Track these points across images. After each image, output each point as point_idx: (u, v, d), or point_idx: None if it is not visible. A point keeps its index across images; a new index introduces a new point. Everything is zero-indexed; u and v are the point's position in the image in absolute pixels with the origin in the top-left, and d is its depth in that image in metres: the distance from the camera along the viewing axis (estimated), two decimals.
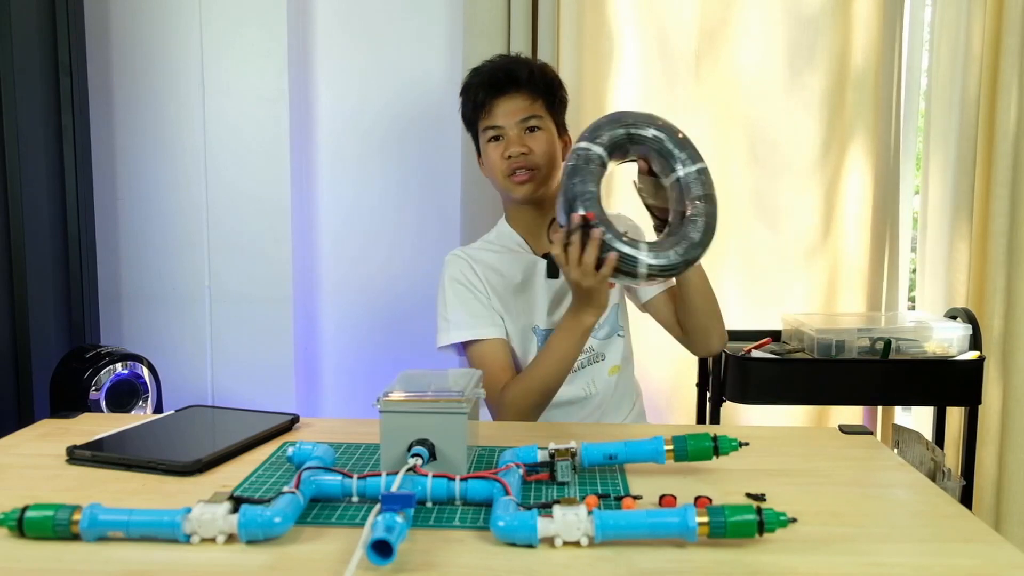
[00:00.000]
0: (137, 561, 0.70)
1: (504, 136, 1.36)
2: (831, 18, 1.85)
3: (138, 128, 1.79)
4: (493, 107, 1.36)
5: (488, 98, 1.37)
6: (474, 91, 1.39)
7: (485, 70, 1.40)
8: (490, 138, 1.38)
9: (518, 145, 1.35)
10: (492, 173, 1.40)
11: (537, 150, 1.36)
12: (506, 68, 1.38)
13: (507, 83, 1.36)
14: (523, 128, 1.36)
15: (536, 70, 1.39)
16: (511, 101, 1.36)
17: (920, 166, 2.00)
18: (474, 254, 1.43)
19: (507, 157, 1.35)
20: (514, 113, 1.36)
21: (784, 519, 0.71)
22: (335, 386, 1.99)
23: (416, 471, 0.83)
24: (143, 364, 1.52)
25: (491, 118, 1.37)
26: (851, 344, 1.66)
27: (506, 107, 1.36)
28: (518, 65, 1.38)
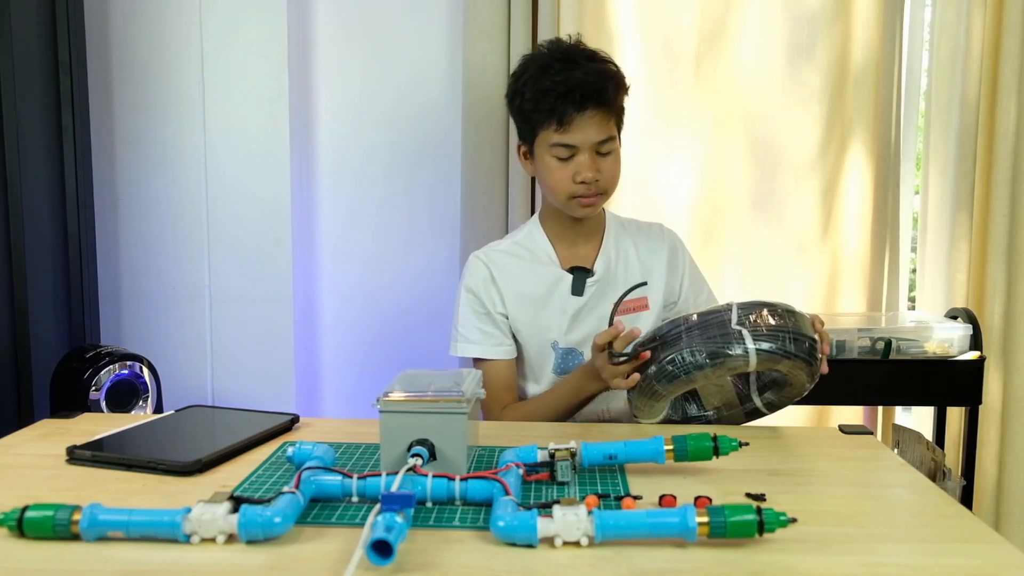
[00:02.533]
0: (137, 561, 0.70)
1: (575, 157, 1.26)
2: (831, 18, 1.85)
3: (138, 127, 1.79)
4: (571, 123, 1.24)
5: (567, 113, 1.24)
6: (552, 98, 1.24)
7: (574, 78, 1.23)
8: (559, 156, 1.27)
9: (592, 171, 1.26)
10: (552, 189, 1.30)
11: (608, 175, 1.28)
12: (596, 83, 1.24)
13: (592, 99, 1.24)
14: (596, 150, 1.27)
15: (620, 82, 1.28)
16: (591, 120, 1.25)
17: (920, 166, 2.00)
18: (498, 260, 1.37)
19: (579, 181, 1.26)
20: (594, 134, 1.25)
21: (784, 519, 0.71)
22: (335, 386, 1.99)
23: (416, 471, 0.83)
24: (143, 364, 1.52)
25: (566, 134, 1.25)
26: (851, 344, 1.66)
27: (585, 127, 1.25)
28: (605, 78, 1.26)
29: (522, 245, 1.39)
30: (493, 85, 1.82)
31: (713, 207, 1.91)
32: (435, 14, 1.90)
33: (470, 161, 1.85)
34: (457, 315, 1.38)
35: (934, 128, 1.93)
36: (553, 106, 1.24)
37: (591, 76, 1.25)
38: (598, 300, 1.35)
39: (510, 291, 1.35)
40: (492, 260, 1.38)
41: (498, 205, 1.87)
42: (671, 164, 1.90)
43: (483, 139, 1.84)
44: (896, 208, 1.90)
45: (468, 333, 1.36)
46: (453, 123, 1.90)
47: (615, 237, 1.39)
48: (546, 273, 1.36)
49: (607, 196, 1.32)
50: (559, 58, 1.27)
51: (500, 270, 1.36)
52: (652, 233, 1.43)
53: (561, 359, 1.35)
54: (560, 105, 1.24)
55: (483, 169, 1.85)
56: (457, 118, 1.88)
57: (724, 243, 1.92)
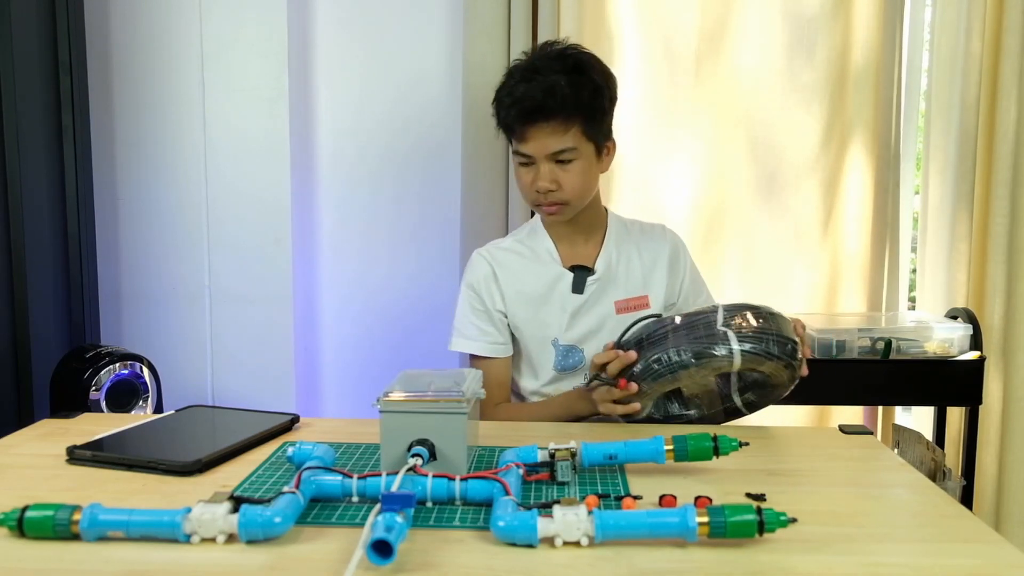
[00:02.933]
0: (137, 561, 0.70)
1: (534, 164, 1.28)
2: (831, 18, 1.85)
3: (138, 128, 1.79)
4: (524, 134, 1.26)
5: (518, 124, 1.26)
6: (505, 112, 1.28)
7: (518, 93, 1.25)
8: (521, 163, 1.31)
9: (547, 180, 1.27)
10: (521, 194, 1.36)
11: (567, 185, 1.28)
12: (536, 100, 1.23)
13: (537, 112, 1.24)
14: (554, 160, 1.27)
15: (569, 95, 1.24)
16: (542, 131, 1.25)
17: (920, 166, 2.00)
18: (500, 258, 1.38)
19: (535, 190, 1.29)
20: (547, 145, 1.26)
21: (784, 519, 0.71)
22: (335, 386, 1.99)
23: (416, 471, 0.83)
24: (143, 364, 1.52)
25: (522, 145, 1.28)
26: (851, 344, 1.66)
27: (537, 137, 1.26)
28: (549, 93, 1.23)
29: (524, 243, 1.40)
30: (493, 85, 1.79)
31: (713, 207, 1.91)
32: (435, 14, 1.90)
33: (470, 161, 1.85)
34: (458, 310, 1.39)
35: (934, 128, 1.93)
36: (506, 118, 1.29)
37: (535, 91, 1.24)
38: (598, 298, 1.35)
39: (511, 288, 1.36)
40: (494, 257, 1.38)
41: (498, 205, 1.87)
42: (671, 164, 1.90)
43: (483, 139, 1.84)
44: (896, 208, 1.90)
45: (465, 329, 1.37)
46: (453, 123, 1.90)
47: (616, 237, 1.40)
48: (547, 271, 1.37)
49: (572, 206, 1.31)
50: (526, 67, 1.28)
51: (502, 267, 1.37)
52: (655, 234, 1.43)
53: (562, 356, 1.36)
54: (511, 117, 1.27)
55: (483, 169, 1.85)
56: (457, 118, 1.88)
57: (724, 243, 1.92)
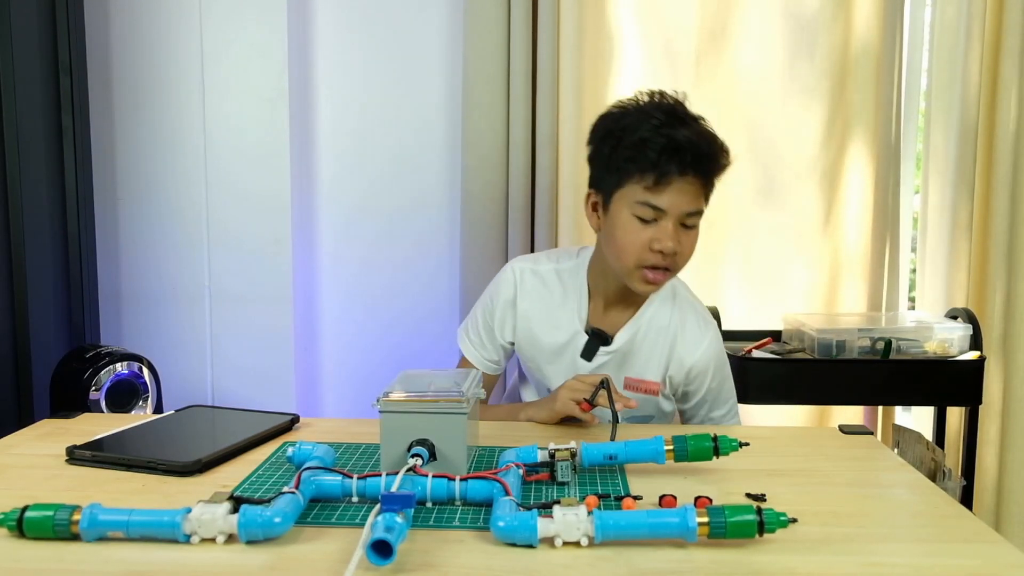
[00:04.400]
0: (137, 561, 0.70)
1: (658, 222, 1.14)
2: (831, 18, 1.85)
3: (138, 128, 1.79)
4: (668, 184, 1.12)
5: (668, 172, 1.12)
6: (655, 152, 1.12)
7: (681, 138, 1.12)
8: (640, 216, 1.15)
9: (672, 241, 1.14)
10: (621, 251, 1.17)
11: (686, 251, 1.17)
12: (705, 149, 1.13)
13: (703, 166, 1.14)
14: (681, 222, 1.15)
15: (724, 152, 1.16)
16: (688, 187, 1.13)
17: (920, 166, 2.00)
18: (528, 284, 1.29)
19: (655, 250, 1.15)
20: (687, 203, 1.14)
21: (784, 519, 0.71)
22: (335, 386, 1.99)
23: (416, 471, 0.83)
24: (143, 364, 1.52)
25: (659, 197, 1.13)
26: (852, 344, 1.66)
27: (680, 192, 1.13)
28: (714, 144, 1.15)
29: (562, 279, 1.29)
30: (493, 85, 1.82)
31: (713, 207, 1.90)
32: (435, 14, 1.90)
33: (470, 160, 1.85)
34: (474, 309, 1.36)
35: (934, 128, 1.93)
36: (655, 161, 1.12)
37: (701, 139, 1.14)
38: (610, 371, 1.24)
39: (524, 326, 1.30)
40: (524, 283, 1.30)
41: (498, 205, 1.87)
42: None
43: (483, 139, 1.84)
44: (896, 208, 1.90)
45: (471, 332, 1.35)
46: (453, 123, 1.90)
47: (653, 312, 1.27)
48: (565, 325, 1.27)
49: (675, 274, 1.21)
50: (665, 111, 1.16)
51: (525, 298, 1.30)
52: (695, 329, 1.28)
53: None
54: (663, 162, 1.12)
55: (483, 168, 1.85)
56: (457, 118, 1.88)
57: (725, 243, 1.92)
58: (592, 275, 1.28)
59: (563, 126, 1.83)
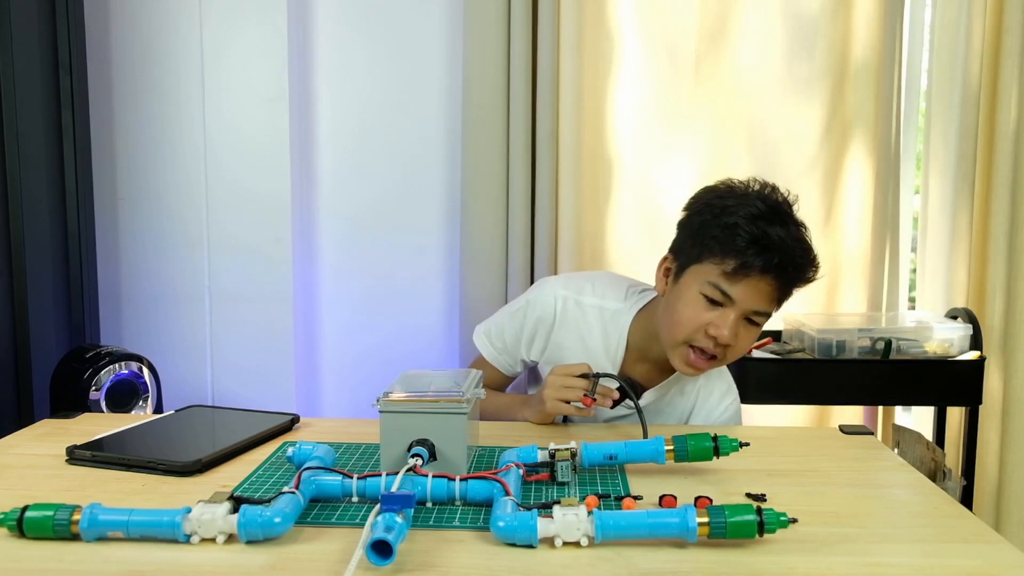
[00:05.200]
0: (137, 561, 0.70)
1: (723, 307, 1.12)
2: (831, 18, 1.85)
3: (138, 128, 1.79)
4: (746, 277, 1.10)
5: (751, 265, 1.09)
6: (742, 239, 1.09)
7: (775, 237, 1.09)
8: (708, 296, 1.13)
9: (730, 332, 1.11)
10: (675, 323, 1.15)
11: (740, 348, 1.16)
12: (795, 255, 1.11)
13: (778, 267, 1.10)
14: (746, 316, 1.13)
15: (812, 265, 1.15)
16: (764, 286, 1.11)
17: (920, 166, 2.00)
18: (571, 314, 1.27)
19: (710, 335, 1.13)
20: (757, 301, 1.12)
21: (784, 519, 0.71)
22: (335, 386, 1.99)
23: (416, 471, 0.83)
24: (143, 364, 1.52)
25: (731, 284, 1.11)
26: (852, 344, 1.66)
27: (755, 288, 1.11)
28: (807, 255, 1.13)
29: (604, 320, 1.27)
30: (493, 85, 1.82)
31: None
32: (435, 14, 1.90)
33: (470, 160, 1.85)
34: (503, 313, 1.34)
35: (934, 128, 1.93)
36: (742, 249, 1.09)
37: (797, 246, 1.12)
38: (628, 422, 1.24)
39: (555, 352, 1.28)
40: (567, 311, 1.27)
41: (498, 205, 1.87)
42: (671, 164, 1.90)
43: (483, 139, 1.84)
44: (896, 208, 1.90)
45: (496, 337, 1.33)
46: (453, 123, 1.90)
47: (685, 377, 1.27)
48: (599, 363, 1.25)
49: (720, 365, 1.20)
50: (769, 204, 1.14)
51: (564, 328, 1.27)
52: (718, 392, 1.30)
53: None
54: (750, 253, 1.09)
55: (483, 169, 1.85)
56: (457, 118, 1.88)
57: None
58: (636, 329, 1.26)
59: (563, 126, 1.83)
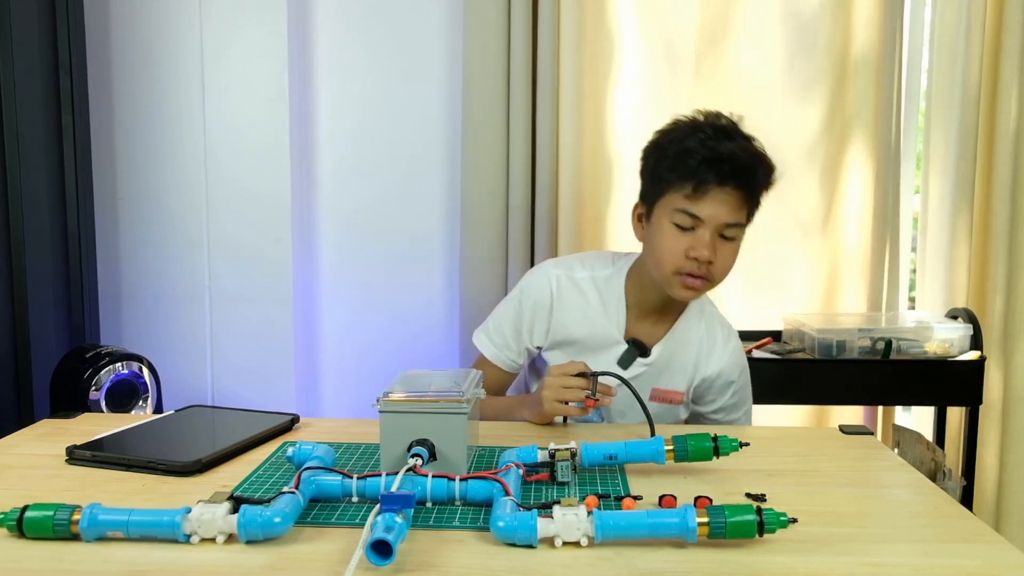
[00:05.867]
0: (137, 561, 0.70)
1: (695, 230, 1.16)
2: (831, 18, 1.85)
3: (138, 128, 1.79)
4: (707, 195, 1.14)
5: (710, 183, 1.14)
6: (696, 162, 1.14)
7: (724, 151, 1.14)
8: (679, 224, 1.17)
9: (708, 250, 1.15)
10: (659, 259, 1.19)
11: (722, 264, 1.19)
12: (746, 163, 1.15)
13: (737, 177, 1.14)
14: (719, 232, 1.17)
15: (766, 168, 1.18)
16: (729, 197, 1.15)
17: (920, 166, 2.00)
18: (567, 292, 1.28)
19: (690, 257, 1.16)
20: (724, 214, 1.15)
21: (784, 519, 0.71)
22: (335, 386, 1.99)
23: (416, 471, 0.83)
24: (143, 364, 1.52)
25: (697, 206, 1.15)
26: (852, 344, 1.66)
27: (718, 202, 1.15)
28: (759, 161, 1.17)
29: (598, 287, 1.29)
30: (493, 85, 1.82)
31: None
32: (435, 14, 1.90)
33: (470, 160, 1.85)
34: (498, 309, 1.35)
35: (934, 128, 1.93)
36: (694, 170, 1.14)
37: (744, 153, 1.16)
38: (644, 382, 1.25)
39: (561, 330, 1.29)
40: (561, 290, 1.29)
41: (498, 205, 1.87)
42: None
43: (483, 139, 1.84)
44: (896, 207, 1.90)
45: (495, 334, 1.33)
46: (453, 123, 1.90)
47: (687, 325, 1.30)
48: (605, 330, 1.27)
49: (713, 285, 1.22)
50: (714, 126, 1.18)
51: (563, 305, 1.29)
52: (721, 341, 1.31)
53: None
54: (702, 170, 1.14)
55: (483, 168, 1.85)
56: (457, 118, 1.88)
57: None
58: (630, 285, 1.29)
59: (563, 126, 1.83)
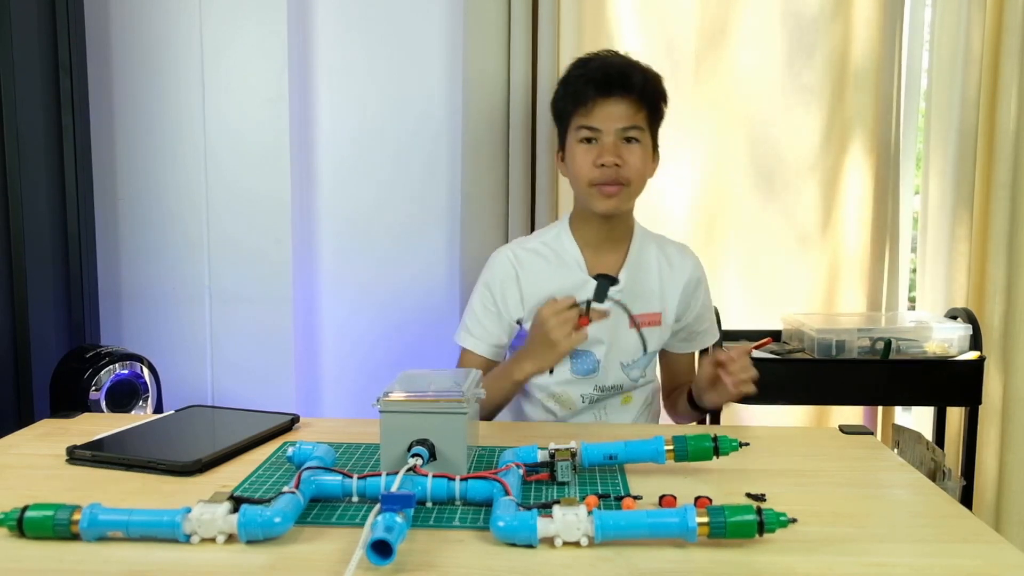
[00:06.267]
0: (137, 561, 0.70)
1: (599, 141, 1.28)
2: (831, 19, 1.85)
3: (138, 128, 1.79)
4: (595, 106, 1.27)
5: (593, 96, 1.27)
6: (578, 83, 1.29)
7: (595, 64, 1.30)
8: (583, 139, 1.29)
9: (612, 154, 1.26)
10: (576, 176, 1.31)
11: (631, 163, 1.27)
12: (620, 68, 1.29)
13: (618, 84, 1.27)
14: (621, 137, 1.27)
15: (650, 78, 1.31)
16: (617, 105, 1.27)
17: (920, 166, 2.00)
18: (524, 259, 1.36)
19: (599, 165, 1.26)
20: (617, 119, 1.27)
21: (784, 519, 0.71)
22: (335, 386, 1.99)
23: (416, 471, 0.83)
24: (143, 364, 1.52)
25: (590, 118, 1.28)
26: (851, 344, 1.66)
27: (610, 110, 1.27)
28: (632, 68, 1.30)
29: (550, 246, 1.37)
30: (493, 85, 1.82)
31: (713, 208, 1.91)
32: (435, 14, 1.90)
33: (471, 161, 1.85)
34: (469, 305, 1.38)
35: (934, 128, 1.93)
36: (578, 90, 1.28)
37: (623, 64, 1.29)
38: (621, 311, 1.32)
39: (532, 291, 1.34)
40: (519, 259, 1.36)
41: (498, 205, 1.87)
42: (671, 164, 1.90)
43: (483, 139, 1.84)
44: (896, 208, 1.90)
45: (474, 328, 1.36)
46: (453, 123, 1.90)
47: (641, 248, 1.38)
48: (571, 277, 1.34)
49: (631, 189, 1.29)
50: (591, 57, 1.33)
51: (525, 269, 1.35)
52: (678, 254, 1.42)
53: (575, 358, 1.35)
54: (584, 88, 1.27)
55: (483, 169, 1.85)
56: (457, 118, 1.88)
57: (724, 243, 1.92)
58: (576, 229, 1.37)
59: None
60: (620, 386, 1.37)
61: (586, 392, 1.36)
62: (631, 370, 1.37)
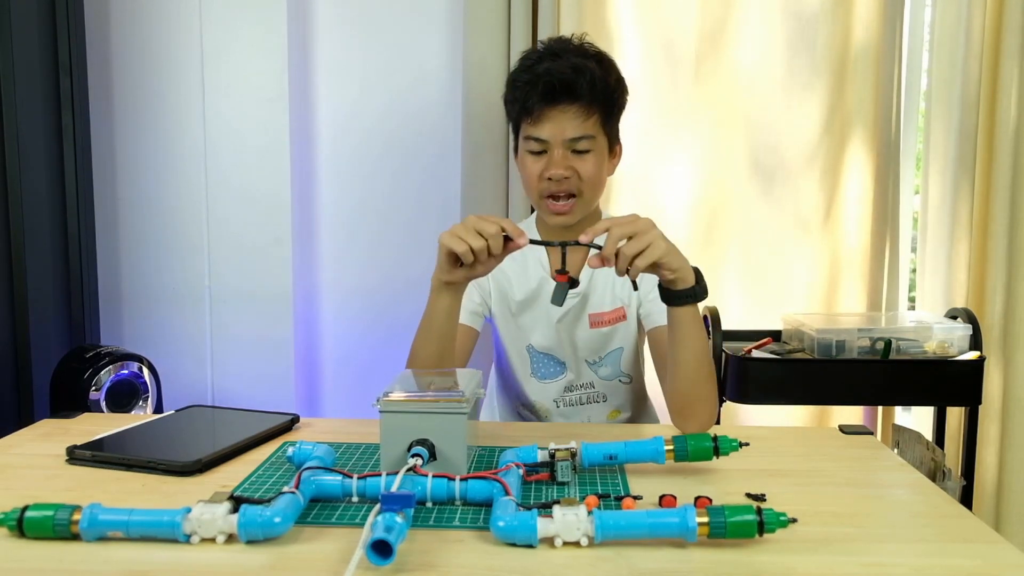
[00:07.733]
0: (137, 561, 0.70)
1: (548, 152, 1.21)
2: (831, 19, 1.85)
3: (138, 128, 1.79)
4: (541, 117, 1.19)
5: (539, 105, 1.19)
6: (522, 91, 1.21)
7: (540, 69, 1.19)
8: (531, 150, 1.23)
9: (561, 167, 1.19)
10: (525, 186, 1.27)
11: (583, 174, 1.21)
12: (565, 76, 1.18)
13: (563, 93, 1.18)
14: (570, 148, 1.21)
15: (599, 78, 1.20)
16: (563, 114, 1.19)
17: (920, 166, 2.00)
18: None
19: (547, 178, 1.21)
20: (564, 130, 1.19)
21: (784, 519, 0.71)
22: (335, 386, 1.99)
23: (416, 471, 0.83)
24: (143, 364, 1.52)
25: (537, 128, 1.20)
26: (851, 344, 1.66)
27: (556, 121, 1.19)
28: (579, 72, 1.18)
29: None
30: (493, 85, 1.82)
31: (713, 207, 1.91)
32: (435, 14, 1.90)
33: (470, 160, 1.85)
34: None
35: (934, 128, 1.93)
36: (524, 97, 1.20)
37: (563, 70, 1.18)
38: (579, 311, 1.32)
39: (497, 290, 1.34)
40: None
41: (498, 205, 1.87)
42: (671, 164, 1.90)
43: (483, 139, 1.84)
44: (896, 208, 1.90)
45: None
46: (453, 123, 1.90)
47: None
48: (533, 277, 1.33)
49: (584, 200, 1.24)
50: (546, 51, 1.23)
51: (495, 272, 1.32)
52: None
53: (539, 364, 1.34)
54: (529, 96, 1.19)
55: (483, 168, 1.85)
56: (457, 118, 1.88)
57: (724, 243, 1.92)
58: (541, 226, 1.34)
59: None
60: (591, 383, 1.35)
61: (558, 396, 1.35)
62: (599, 368, 1.35)
